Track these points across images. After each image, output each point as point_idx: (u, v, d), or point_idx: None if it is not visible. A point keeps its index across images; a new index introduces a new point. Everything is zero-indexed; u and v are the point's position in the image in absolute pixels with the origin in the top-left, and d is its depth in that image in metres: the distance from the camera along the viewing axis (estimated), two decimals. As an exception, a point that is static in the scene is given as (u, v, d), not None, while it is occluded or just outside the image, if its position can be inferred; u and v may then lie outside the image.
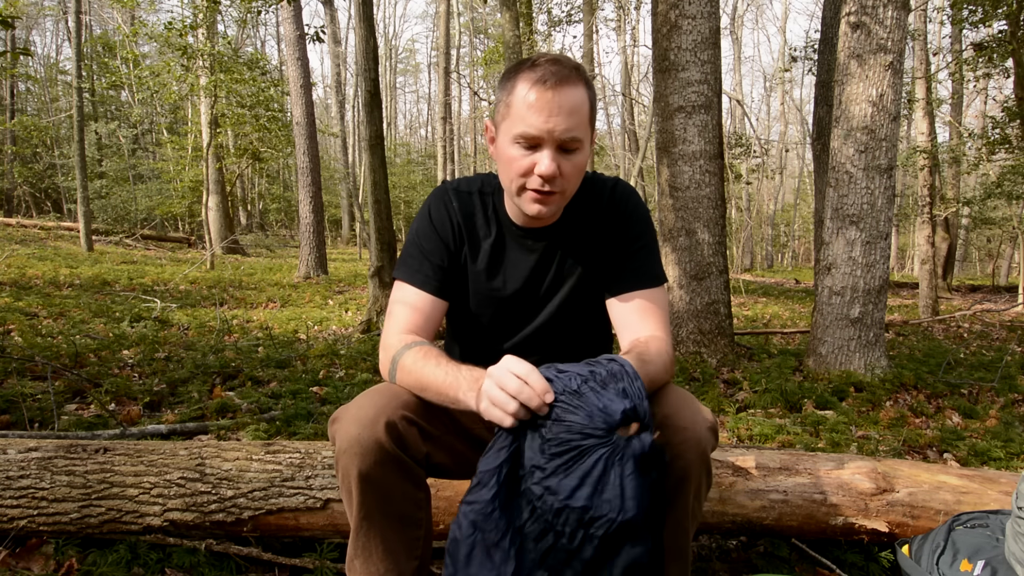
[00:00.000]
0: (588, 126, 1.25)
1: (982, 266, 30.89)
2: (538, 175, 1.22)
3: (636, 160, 16.07)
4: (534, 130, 1.19)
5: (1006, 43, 8.87)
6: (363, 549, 1.19)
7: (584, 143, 1.24)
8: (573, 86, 1.20)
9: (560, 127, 1.19)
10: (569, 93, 1.19)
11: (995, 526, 1.50)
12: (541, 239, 1.40)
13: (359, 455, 1.13)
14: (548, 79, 1.18)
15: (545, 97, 1.18)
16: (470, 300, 1.43)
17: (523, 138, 1.21)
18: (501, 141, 1.27)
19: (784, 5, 32.52)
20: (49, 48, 42.46)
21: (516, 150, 1.23)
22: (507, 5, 8.89)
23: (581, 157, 1.25)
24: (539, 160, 1.21)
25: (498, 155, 1.29)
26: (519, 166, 1.23)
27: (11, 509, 1.61)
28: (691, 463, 1.17)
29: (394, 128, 39.36)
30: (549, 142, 1.20)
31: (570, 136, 1.20)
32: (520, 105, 1.20)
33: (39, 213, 22.17)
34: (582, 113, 1.22)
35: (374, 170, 5.95)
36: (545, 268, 1.41)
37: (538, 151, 1.21)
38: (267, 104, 14.81)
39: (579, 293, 1.42)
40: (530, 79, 1.19)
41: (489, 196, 1.42)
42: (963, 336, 7.06)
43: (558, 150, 1.22)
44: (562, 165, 1.22)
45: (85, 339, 4.52)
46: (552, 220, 1.38)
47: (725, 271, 4.65)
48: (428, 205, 1.42)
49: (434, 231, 1.39)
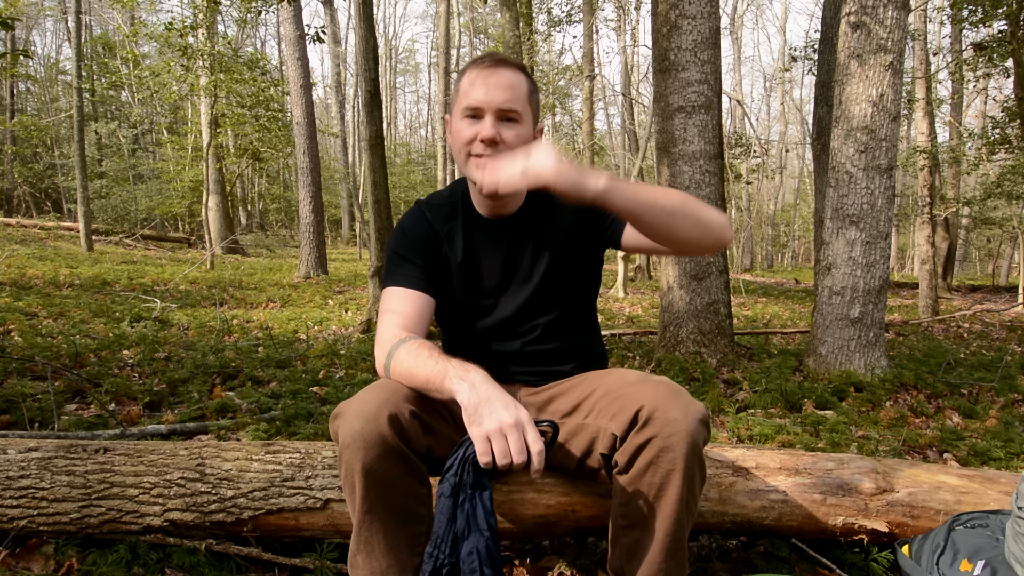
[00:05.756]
0: (527, 104, 1.40)
1: (982, 266, 30.89)
2: (480, 140, 1.35)
3: (636, 160, 16.06)
4: (475, 101, 1.35)
5: (1006, 43, 8.87)
6: (365, 544, 1.20)
7: (523, 117, 1.38)
8: (510, 69, 1.38)
9: (498, 98, 1.35)
10: (506, 74, 1.37)
11: (995, 526, 1.50)
12: (507, 229, 1.50)
13: (362, 449, 1.14)
14: (487, 61, 1.39)
15: (484, 75, 1.36)
16: (456, 296, 1.51)
17: (468, 109, 1.37)
18: (453, 122, 1.42)
19: (784, 5, 32.53)
20: (49, 48, 42.51)
21: (463, 123, 1.38)
22: (507, 5, 8.89)
23: (522, 130, 1.38)
24: (481, 127, 1.36)
25: (452, 136, 1.42)
26: (465, 135, 1.37)
27: (11, 509, 1.61)
28: (681, 455, 1.18)
29: (394, 128, 39.35)
30: (489, 111, 1.35)
31: (508, 107, 1.35)
32: (466, 85, 1.38)
33: (39, 213, 22.17)
34: (519, 90, 1.38)
35: (374, 170, 5.95)
36: (516, 256, 1.50)
37: (480, 121, 1.36)
38: (267, 104, 14.81)
39: (554, 274, 1.50)
40: (473, 65, 1.40)
41: (459, 199, 1.53)
42: (963, 336, 7.06)
43: (498, 119, 1.36)
44: (503, 132, 1.36)
45: (85, 339, 4.52)
46: (512, 208, 1.50)
47: (725, 271, 4.65)
48: (402, 222, 1.54)
49: (410, 240, 1.49)
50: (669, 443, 1.17)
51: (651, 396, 1.22)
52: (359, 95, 21.64)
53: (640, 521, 1.24)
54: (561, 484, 1.61)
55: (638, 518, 1.25)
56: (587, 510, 1.60)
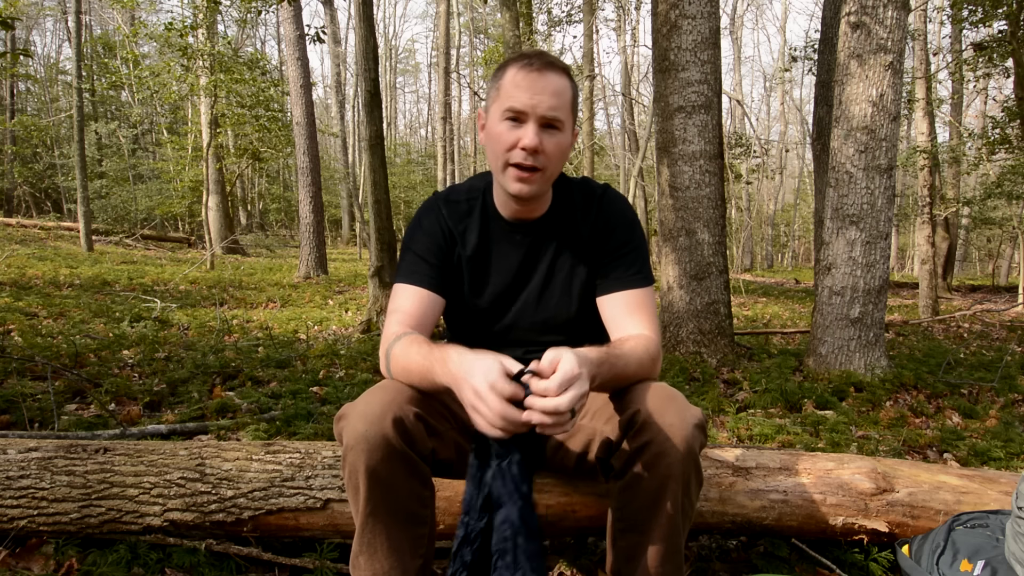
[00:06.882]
0: (570, 112, 1.34)
1: (982, 266, 30.88)
2: (521, 147, 1.29)
3: (636, 160, 16.06)
4: (519, 104, 1.28)
5: (1006, 43, 8.87)
6: (368, 546, 1.20)
7: (565, 125, 1.33)
8: (557, 74, 1.31)
9: (544, 104, 1.28)
10: (553, 78, 1.30)
11: (995, 526, 1.50)
12: (528, 234, 1.46)
13: (366, 451, 1.14)
14: (535, 63, 1.30)
15: (531, 77, 1.29)
16: (466, 298, 1.47)
17: (510, 111, 1.30)
18: (490, 121, 1.35)
19: (784, 5, 32.53)
20: (49, 48, 42.51)
21: (503, 126, 1.31)
22: (507, 5, 8.89)
23: (563, 139, 1.33)
24: (523, 134, 1.29)
25: (487, 136, 1.36)
26: (505, 140, 1.31)
27: (11, 509, 1.61)
28: (677, 460, 1.17)
29: (394, 128, 39.35)
30: (533, 117, 1.29)
31: (553, 114, 1.29)
32: (509, 85, 1.30)
33: (39, 213, 22.16)
34: (564, 97, 1.31)
35: (374, 170, 5.95)
36: (533, 262, 1.46)
37: (523, 127, 1.30)
38: (267, 104, 14.81)
39: (570, 281, 1.46)
40: (519, 64, 1.31)
41: (478, 196, 1.48)
42: (963, 336, 7.06)
43: (541, 127, 1.30)
44: (544, 141, 1.30)
45: (85, 339, 4.52)
46: (538, 213, 1.45)
47: (725, 271, 4.65)
48: (419, 215, 1.50)
49: (425, 236, 1.45)
50: (665, 448, 1.17)
51: (647, 400, 1.22)
52: (359, 95, 21.64)
53: (637, 525, 1.24)
54: (561, 484, 1.61)
55: (635, 522, 1.25)
56: (587, 510, 1.60)
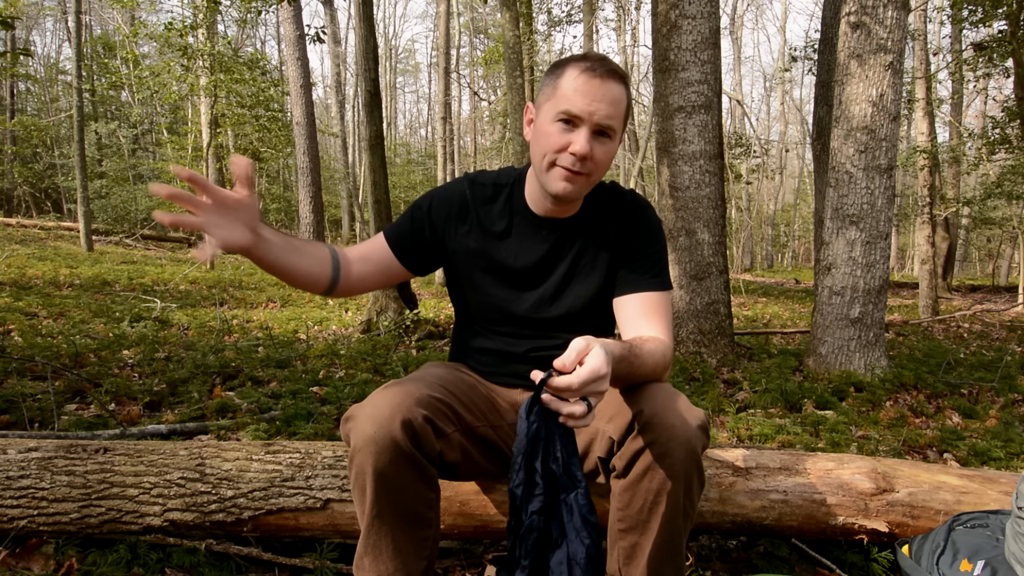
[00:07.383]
0: (623, 121, 1.34)
1: (982, 266, 30.89)
2: (571, 153, 1.29)
3: (636, 160, 16.06)
4: (576, 109, 1.28)
5: (1006, 43, 8.87)
6: (373, 547, 1.20)
7: (616, 134, 1.33)
8: (617, 82, 1.31)
9: (601, 112, 1.28)
10: (613, 86, 1.30)
11: (995, 526, 1.50)
12: (556, 230, 1.46)
13: (374, 453, 1.14)
14: (597, 69, 1.29)
15: (592, 83, 1.28)
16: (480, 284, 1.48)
17: (566, 114, 1.29)
18: (541, 120, 1.34)
19: (784, 5, 32.52)
20: (49, 48, 42.50)
21: (555, 127, 1.31)
22: (507, 5, 8.89)
23: (612, 146, 1.34)
24: (576, 139, 1.29)
25: (536, 133, 1.36)
26: (556, 142, 1.31)
27: (11, 509, 1.61)
28: (679, 461, 1.17)
29: (394, 128, 39.33)
30: (588, 124, 1.29)
31: (608, 123, 1.29)
32: (567, 87, 1.29)
33: (39, 213, 22.15)
34: (620, 106, 1.32)
35: (374, 170, 5.95)
36: (556, 257, 1.46)
37: (576, 131, 1.30)
38: (267, 104, 14.78)
39: (586, 287, 1.46)
40: (580, 67, 1.30)
41: (506, 186, 1.48)
42: (963, 336, 7.06)
43: (594, 134, 1.30)
44: (595, 149, 1.31)
45: (85, 339, 4.51)
46: (569, 213, 1.45)
47: (725, 271, 4.65)
48: (445, 185, 1.51)
49: (429, 206, 1.48)
50: (667, 449, 1.17)
51: (650, 401, 1.21)
52: (359, 95, 21.65)
53: (637, 526, 1.24)
54: (561, 484, 1.60)
55: (635, 523, 1.24)
56: (587, 510, 1.60)
